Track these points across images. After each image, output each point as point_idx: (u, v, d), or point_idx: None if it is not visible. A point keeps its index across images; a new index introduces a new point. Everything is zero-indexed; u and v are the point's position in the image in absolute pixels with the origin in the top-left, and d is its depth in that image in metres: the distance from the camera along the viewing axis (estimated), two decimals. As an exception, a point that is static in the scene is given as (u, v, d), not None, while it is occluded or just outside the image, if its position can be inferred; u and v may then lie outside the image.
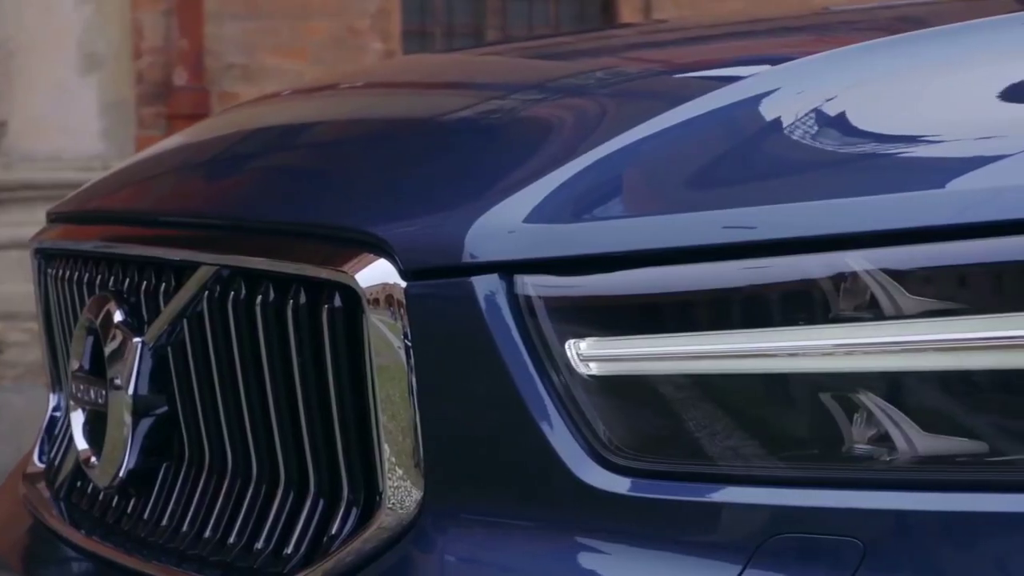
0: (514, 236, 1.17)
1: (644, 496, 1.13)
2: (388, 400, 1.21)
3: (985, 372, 1.08)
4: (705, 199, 1.18)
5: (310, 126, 1.68)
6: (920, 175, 1.15)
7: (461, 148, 1.37)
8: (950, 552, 1.05)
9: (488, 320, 1.17)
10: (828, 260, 1.11)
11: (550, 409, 1.15)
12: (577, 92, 1.56)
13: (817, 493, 1.09)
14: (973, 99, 1.29)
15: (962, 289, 1.08)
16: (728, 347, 1.13)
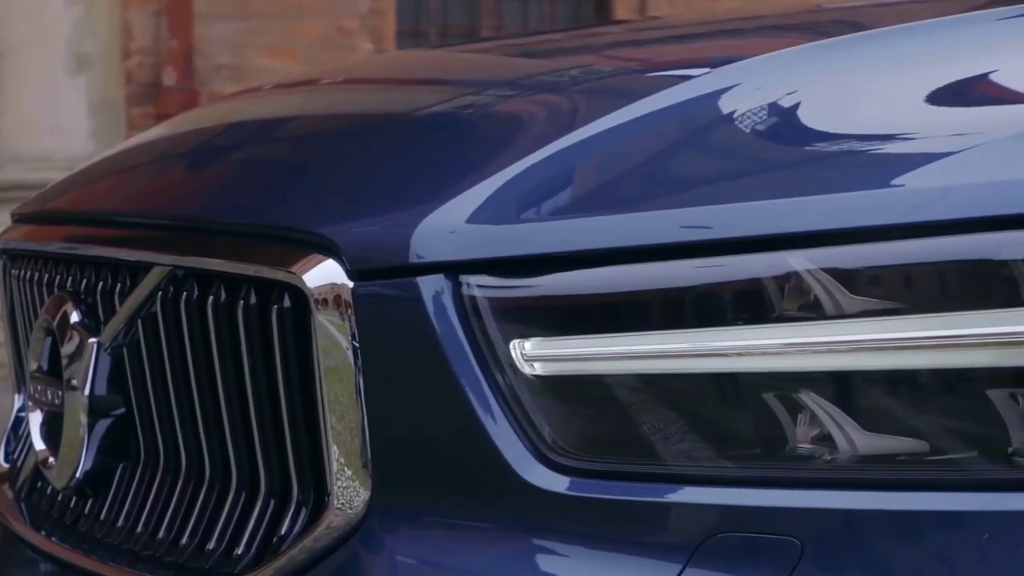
0: (457, 236, 1.18)
1: (586, 496, 1.13)
2: (336, 401, 1.22)
3: (926, 371, 1.08)
4: (650, 198, 1.19)
5: (269, 126, 1.68)
6: (869, 174, 1.15)
7: (412, 148, 1.38)
8: (888, 551, 1.06)
9: (433, 320, 1.17)
10: (772, 260, 1.11)
11: (494, 409, 1.16)
12: (539, 90, 1.56)
13: (757, 492, 1.10)
14: (927, 97, 1.29)
15: (905, 289, 1.09)
16: (670, 347, 1.13)
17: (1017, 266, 1.05)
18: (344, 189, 1.33)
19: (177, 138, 1.73)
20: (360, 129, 1.53)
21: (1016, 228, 1.06)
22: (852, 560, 1.06)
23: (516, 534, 1.16)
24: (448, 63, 2.01)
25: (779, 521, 1.08)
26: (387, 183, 1.31)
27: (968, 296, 1.08)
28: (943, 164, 1.13)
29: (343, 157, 1.41)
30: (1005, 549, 1.03)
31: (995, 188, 1.09)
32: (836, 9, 1.98)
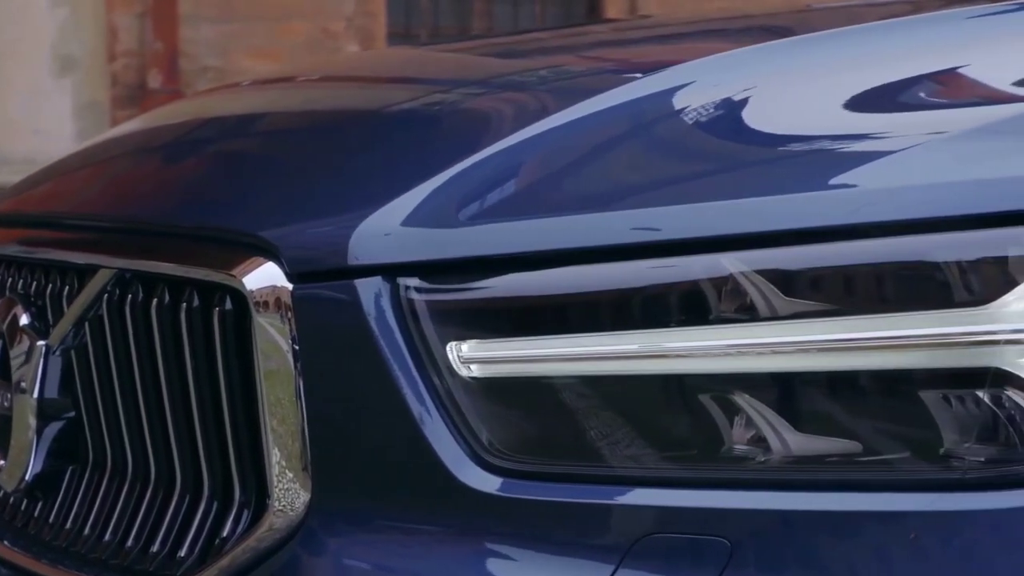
0: (392, 238, 1.18)
1: (521, 497, 1.14)
2: (277, 403, 1.22)
3: (859, 373, 1.09)
4: (588, 199, 1.19)
5: (224, 127, 1.68)
6: (809, 176, 1.16)
7: (356, 150, 1.38)
8: (817, 551, 1.06)
9: (371, 323, 1.17)
10: (709, 262, 1.11)
11: (431, 411, 1.16)
12: (499, 90, 1.57)
13: (690, 493, 1.10)
14: (874, 98, 1.30)
15: (840, 291, 1.09)
16: (604, 349, 1.13)
17: (950, 268, 1.06)
18: (285, 192, 1.33)
19: (131, 140, 1.74)
20: (308, 131, 1.54)
21: (949, 230, 1.07)
22: (781, 560, 1.06)
23: (453, 535, 1.16)
24: (421, 62, 2.02)
25: (710, 522, 1.08)
26: (328, 185, 1.31)
27: (902, 298, 1.08)
28: (881, 166, 1.14)
29: (287, 159, 1.42)
30: (934, 549, 1.04)
31: (930, 191, 1.10)
32: (824, 9, 1.99)
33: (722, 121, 1.29)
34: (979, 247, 1.06)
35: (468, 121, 1.44)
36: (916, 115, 1.28)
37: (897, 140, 1.18)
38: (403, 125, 1.46)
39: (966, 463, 1.05)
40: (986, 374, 1.04)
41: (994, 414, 1.05)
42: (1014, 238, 1.05)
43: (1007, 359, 1.04)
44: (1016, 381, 1.04)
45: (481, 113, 1.48)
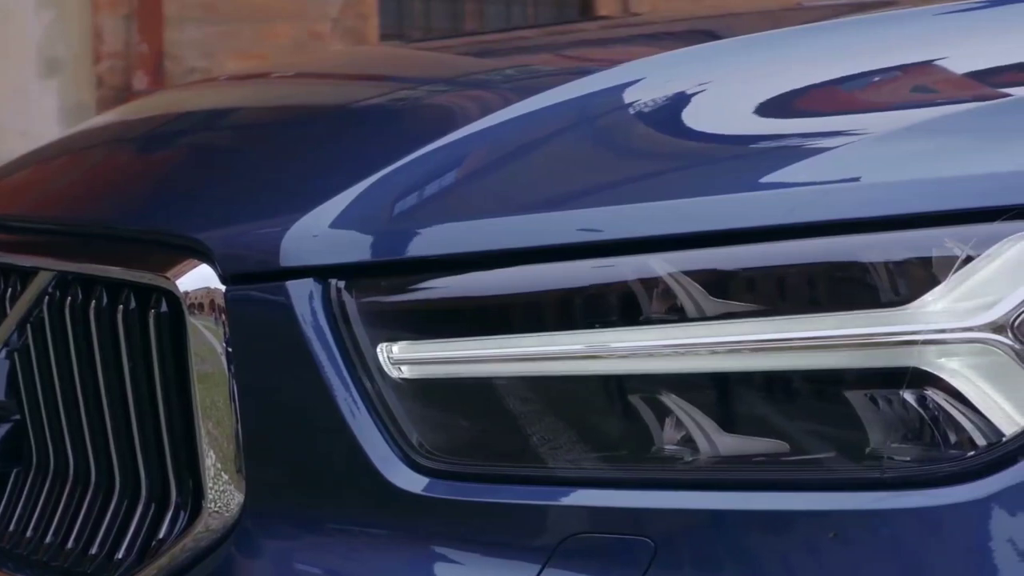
0: (320, 240, 1.18)
1: (450, 498, 1.14)
2: (211, 406, 1.22)
3: (786, 373, 1.09)
4: (518, 200, 1.20)
5: (168, 128, 1.69)
6: (742, 177, 1.16)
7: (293, 150, 1.39)
8: (741, 550, 1.07)
9: (303, 325, 1.18)
10: (638, 263, 1.12)
11: (362, 413, 1.17)
12: (456, 89, 1.58)
13: (615, 494, 1.11)
14: (820, 97, 1.31)
15: (767, 291, 1.10)
16: (532, 350, 1.14)
17: (875, 269, 1.07)
18: (221, 193, 1.34)
19: (80, 141, 1.74)
20: (253, 131, 1.55)
21: (876, 231, 1.08)
22: (705, 560, 1.07)
23: (382, 536, 1.16)
24: (394, 60, 2.02)
25: (635, 522, 1.09)
26: (263, 186, 1.32)
27: (828, 298, 1.09)
28: (814, 166, 1.14)
29: (228, 160, 1.43)
30: (856, 547, 1.04)
31: (857, 191, 1.11)
32: (815, 8, 1.99)
33: (665, 120, 1.29)
34: (903, 248, 1.06)
35: (411, 120, 1.44)
36: (852, 115, 1.28)
37: (831, 140, 1.18)
38: (346, 125, 1.47)
39: (889, 462, 1.05)
40: (907, 374, 1.05)
41: (915, 414, 1.05)
42: (936, 238, 1.06)
43: (926, 359, 1.04)
44: (935, 381, 1.05)
45: (427, 112, 1.49)
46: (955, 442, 1.05)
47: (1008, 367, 1.03)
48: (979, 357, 1.04)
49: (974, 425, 1.04)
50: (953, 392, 1.04)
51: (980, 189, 1.07)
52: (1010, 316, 1.03)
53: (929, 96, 1.28)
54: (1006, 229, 1.04)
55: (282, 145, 1.44)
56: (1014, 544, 1.02)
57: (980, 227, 1.05)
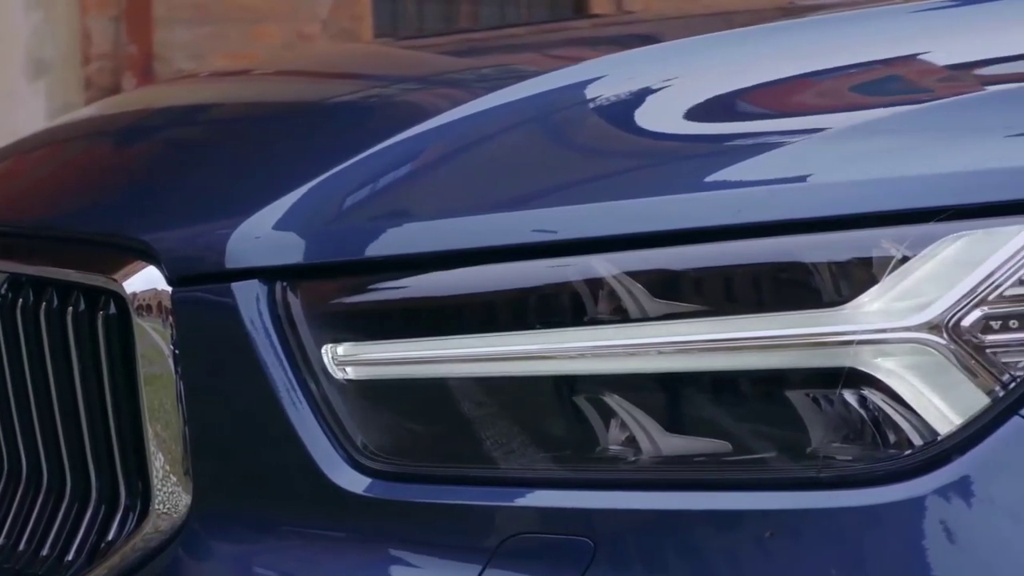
0: (265, 241, 1.19)
1: (393, 499, 1.15)
2: (159, 408, 1.23)
3: (729, 373, 1.10)
4: (465, 200, 1.20)
5: (127, 128, 1.69)
6: (686, 177, 1.17)
7: (244, 150, 1.40)
8: (680, 550, 1.07)
9: (248, 326, 1.18)
10: (582, 264, 1.12)
11: (306, 414, 1.17)
12: (417, 87, 1.59)
13: (556, 494, 1.12)
14: (775, 96, 1.31)
15: (710, 292, 1.10)
16: (477, 351, 1.14)
17: (815, 269, 1.07)
18: (170, 194, 1.34)
19: (38, 141, 1.75)
20: (208, 131, 1.56)
21: (815, 232, 1.08)
22: (644, 560, 1.07)
23: (325, 536, 1.17)
24: (374, 58, 2.02)
25: (576, 522, 1.09)
26: (212, 187, 1.32)
27: (768, 299, 1.09)
28: (756, 167, 1.14)
29: (180, 160, 1.43)
30: (795, 546, 1.05)
31: (798, 192, 1.11)
32: (807, 7, 2.00)
33: (619, 118, 1.30)
34: (841, 248, 1.07)
35: (366, 118, 1.45)
36: (798, 116, 1.29)
37: (775, 141, 1.19)
38: (302, 124, 1.47)
39: (826, 462, 1.06)
40: (845, 374, 1.05)
41: (852, 414, 1.06)
42: (873, 239, 1.06)
43: (862, 359, 1.05)
44: (872, 381, 1.05)
45: (383, 110, 1.49)
46: (891, 441, 1.05)
47: (943, 367, 1.04)
48: (915, 357, 1.04)
49: (910, 424, 1.05)
50: (889, 392, 1.05)
51: (917, 190, 1.07)
52: (945, 316, 1.04)
53: (872, 98, 1.28)
54: (941, 230, 1.05)
55: (235, 145, 1.44)
56: (948, 542, 1.02)
57: (916, 228, 1.05)
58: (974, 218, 1.05)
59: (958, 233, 1.05)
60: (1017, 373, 1.03)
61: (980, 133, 1.12)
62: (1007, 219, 1.04)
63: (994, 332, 1.03)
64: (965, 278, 1.04)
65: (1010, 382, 1.03)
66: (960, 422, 1.03)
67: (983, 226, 1.05)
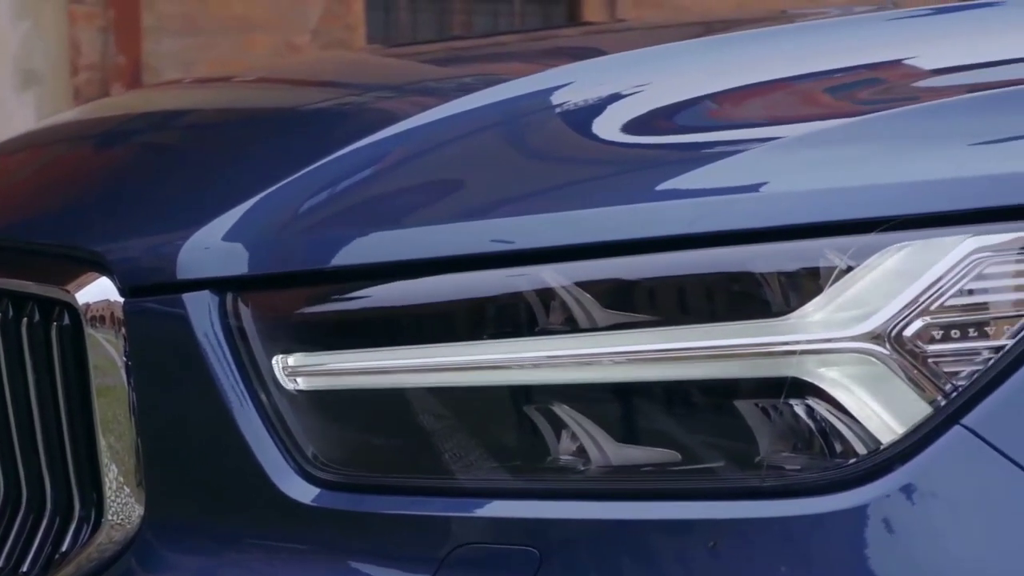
0: (214, 252, 1.19)
1: (342, 509, 1.15)
2: (112, 420, 1.23)
3: (674, 383, 1.10)
4: (412, 211, 1.20)
5: (91, 137, 1.69)
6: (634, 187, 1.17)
7: (199, 161, 1.40)
8: (623, 559, 1.07)
9: (200, 337, 1.18)
10: (530, 274, 1.13)
11: (257, 425, 1.17)
12: (387, 96, 1.58)
13: (501, 504, 1.12)
14: (737, 104, 1.31)
15: (660, 301, 1.11)
16: (427, 361, 1.14)
17: (760, 279, 1.07)
18: (124, 204, 1.35)
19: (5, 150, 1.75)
20: (167, 140, 1.56)
21: (760, 242, 1.09)
22: (590, 569, 1.08)
23: (276, 546, 1.17)
24: (354, 66, 2.03)
25: (522, 532, 1.10)
26: (165, 197, 1.32)
27: (714, 309, 1.09)
28: (704, 177, 1.15)
29: (133, 170, 1.43)
30: (739, 556, 1.05)
31: (744, 203, 1.12)
32: (798, 14, 2.00)
33: (580, 126, 1.30)
34: (786, 258, 1.07)
35: (326, 127, 1.44)
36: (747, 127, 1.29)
37: (723, 151, 1.19)
38: (262, 133, 1.48)
39: (770, 471, 1.06)
40: (791, 384, 1.06)
41: (796, 423, 1.06)
42: (817, 249, 1.07)
43: (806, 368, 1.05)
44: (815, 390, 1.06)
45: (342, 119, 1.49)
46: (834, 451, 1.05)
47: (885, 376, 1.04)
48: (858, 367, 1.05)
49: (853, 434, 1.05)
50: (832, 401, 1.05)
51: (861, 200, 1.08)
52: (887, 326, 1.04)
53: (824, 108, 1.29)
54: (885, 240, 1.05)
55: (194, 154, 1.44)
56: (890, 550, 1.03)
57: (859, 238, 1.06)
58: (917, 229, 1.06)
59: (901, 244, 1.05)
60: (958, 382, 1.04)
61: (925, 144, 1.12)
62: (949, 229, 1.05)
63: (936, 342, 1.04)
64: (907, 288, 1.04)
65: (952, 391, 1.04)
66: (902, 431, 1.04)
67: (926, 236, 1.05)
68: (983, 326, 1.04)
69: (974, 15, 1.56)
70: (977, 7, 1.62)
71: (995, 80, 1.27)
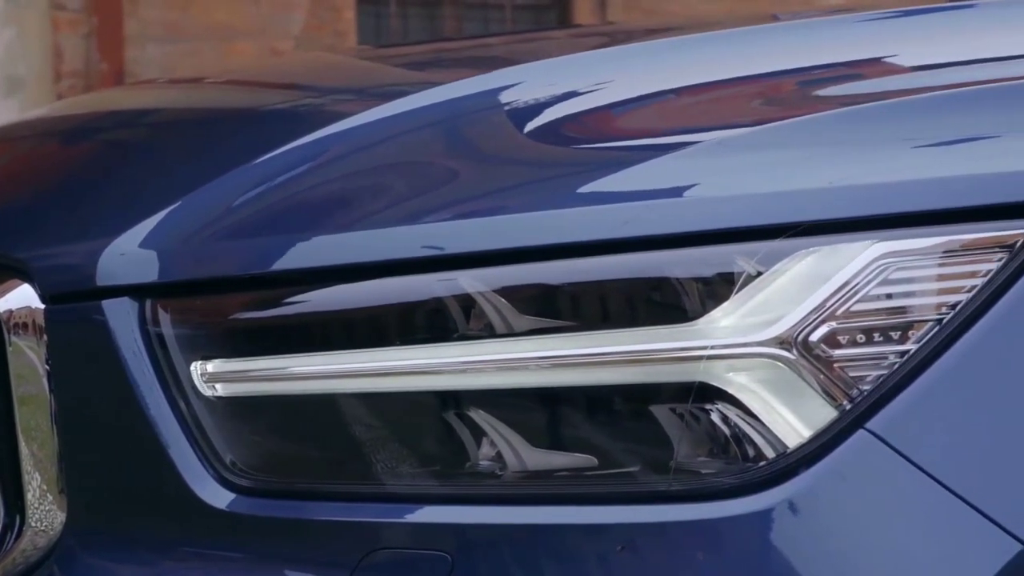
0: (133, 258, 1.19)
1: (258, 515, 1.15)
2: (35, 428, 1.23)
3: (588, 389, 1.11)
4: (331, 216, 1.20)
5: (30, 142, 1.69)
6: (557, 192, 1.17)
7: (125, 167, 1.40)
8: (533, 564, 1.08)
9: (119, 344, 1.18)
10: (448, 279, 1.13)
11: (175, 432, 1.17)
12: (339, 99, 1.58)
13: (415, 509, 1.12)
14: (672, 109, 1.32)
15: (576, 307, 1.11)
16: (343, 367, 1.15)
17: (671, 284, 1.08)
18: (48, 210, 1.35)
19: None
20: (103, 144, 1.56)
21: (672, 247, 1.09)
22: (499, 574, 1.08)
23: (193, 553, 1.17)
24: (322, 70, 2.02)
25: (433, 537, 1.10)
26: (89, 203, 1.32)
27: (630, 314, 1.10)
28: (619, 182, 1.15)
29: (64, 176, 1.43)
30: (646, 560, 1.05)
31: (657, 208, 1.12)
32: (792, 16, 2.00)
33: (512, 129, 1.30)
34: (696, 264, 1.08)
35: (257, 131, 1.44)
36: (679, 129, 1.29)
37: (648, 155, 1.19)
38: (195, 137, 1.48)
39: (678, 476, 1.07)
40: (702, 389, 1.06)
41: (705, 428, 1.07)
42: (727, 255, 1.07)
43: (714, 374, 1.06)
44: (724, 395, 1.06)
45: (282, 122, 1.49)
46: (744, 455, 1.06)
47: (792, 381, 1.05)
48: (765, 371, 1.05)
49: (762, 438, 1.06)
50: (741, 406, 1.06)
51: (769, 206, 1.08)
52: (794, 331, 1.05)
53: (745, 113, 1.29)
54: (793, 245, 1.06)
55: (124, 158, 1.45)
56: (793, 554, 1.03)
57: (768, 244, 1.06)
58: (825, 234, 1.06)
59: (809, 249, 1.06)
60: (864, 387, 1.04)
61: (835, 150, 1.13)
62: (855, 235, 1.05)
63: (842, 347, 1.04)
64: (814, 293, 1.05)
65: (857, 396, 1.04)
66: (809, 435, 1.04)
67: (833, 242, 1.06)
68: (888, 331, 1.04)
69: (940, 17, 1.56)
70: (949, 9, 1.62)
71: (916, 86, 1.28)
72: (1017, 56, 1.34)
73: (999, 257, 1.05)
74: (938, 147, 1.12)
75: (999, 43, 1.39)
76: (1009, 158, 1.09)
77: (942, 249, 1.05)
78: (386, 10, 8.80)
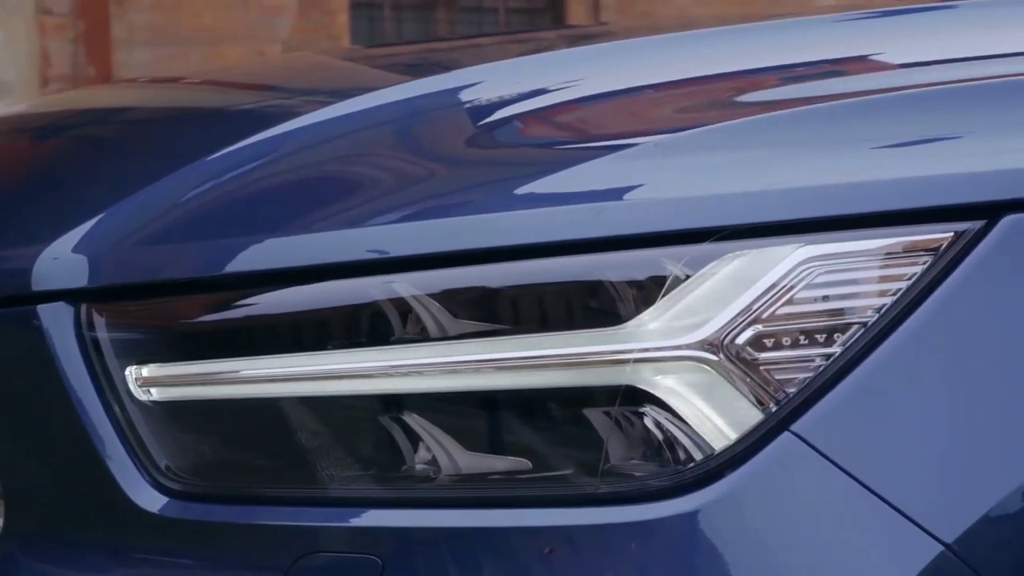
0: (67, 263, 1.19)
1: (191, 519, 1.15)
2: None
3: (519, 392, 1.11)
4: (268, 218, 1.20)
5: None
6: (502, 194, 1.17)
7: (69, 169, 1.40)
8: (463, 567, 1.08)
9: (54, 348, 1.19)
10: (382, 283, 1.13)
11: (110, 436, 1.17)
12: (305, 100, 1.58)
13: (346, 512, 1.12)
14: (616, 114, 1.32)
15: (512, 310, 1.11)
16: (279, 371, 1.15)
17: (599, 288, 1.08)
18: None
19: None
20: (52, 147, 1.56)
21: (601, 251, 1.09)
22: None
23: (127, 557, 1.18)
24: (298, 71, 2.02)
25: (364, 540, 1.10)
26: (28, 207, 1.32)
27: (559, 317, 1.10)
28: (554, 184, 1.15)
29: (10, 178, 1.43)
30: (573, 562, 1.06)
31: (588, 212, 1.12)
32: (773, 18, 2.01)
33: (459, 129, 1.30)
34: (625, 267, 1.08)
35: (204, 132, 1.44)
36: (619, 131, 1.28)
37: (584, 157, 1.19)
38: (142, 138, 1.48)
39: (605, 478, 1.07)
40: (630, 392, 1.07)
41: (632, 431, 1.07)
42: (655, 259, 1.08)
43: (641, 377, 1.06)
44: (651, 398, 1.06)
45: (232, 122, 1.49)
46: (673, 457, 1.06)
47: (719, 384, 1.05)
48: (691, 374, 1.06)
49: (690, 440, 1.06)
50: (668, 409, 1.06)
51: (697, 210, 1.09)
52: (720, 334, 1.05)
53: (686, 115, 1.28)
54: (720, 249, 1.06)
55: (69, 160, 1.45)
56: (720, 555, 1.03)
57: (695, 247, 1.07)
58: (752, 238, 1.06)
59: (735, 253, 1.06)
60: (789, 389, 1.04)
61: (763, 153, 1.13)
62: (780, 239, 1.06)
63: (767, 350, 1.05)
64: (740, 297, 1.05)
65: (782, 398, 1.04)
66: (735, 437, 1.05)
67: (759, 246, 1.06)
68: (813, 334, 1.05)
69: (904, 20, 1.56)
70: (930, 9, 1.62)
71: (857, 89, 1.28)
72: (960, 59, 1.34)
73: (924, 260, 1.05)
74: (866, 151, 1.12)
75: (952, 46, 1.39)
76: (936, 162, 1.10)
77: (868, 253, 1.05)
78: (380, 14, 8.81)
